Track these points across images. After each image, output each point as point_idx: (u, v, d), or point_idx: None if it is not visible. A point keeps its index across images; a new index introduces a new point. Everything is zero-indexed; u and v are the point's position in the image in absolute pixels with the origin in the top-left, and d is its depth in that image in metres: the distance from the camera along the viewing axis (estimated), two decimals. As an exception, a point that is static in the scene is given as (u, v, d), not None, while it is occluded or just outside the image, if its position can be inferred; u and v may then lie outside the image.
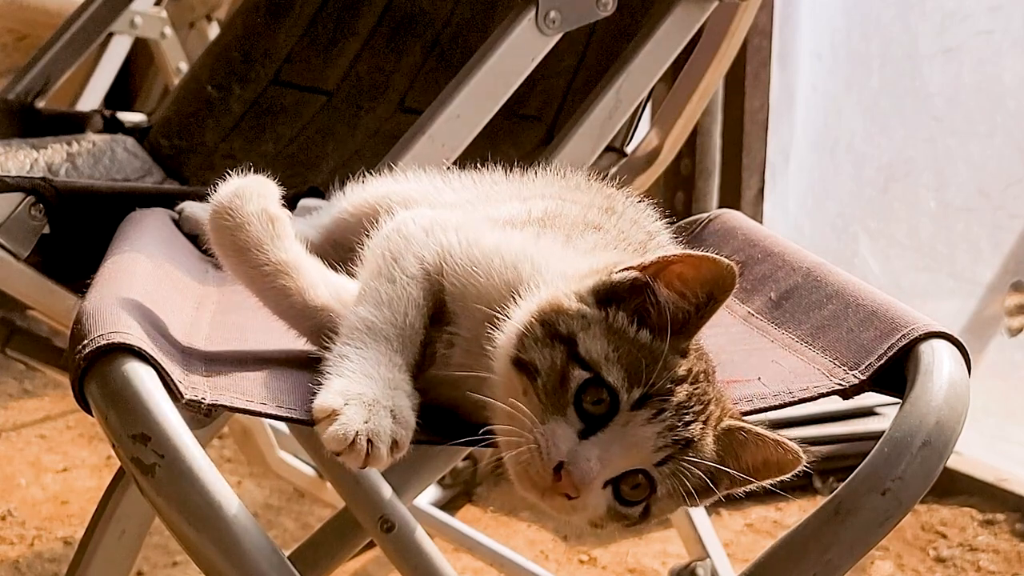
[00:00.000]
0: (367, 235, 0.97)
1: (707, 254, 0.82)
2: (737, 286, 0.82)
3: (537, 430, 0.81)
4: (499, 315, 0.85)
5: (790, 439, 0.83)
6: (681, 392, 0.82)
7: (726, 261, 0.82)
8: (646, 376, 0.81)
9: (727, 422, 0.84)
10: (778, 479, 0.85)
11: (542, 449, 0.80)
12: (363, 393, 0.80)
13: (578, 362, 0.81)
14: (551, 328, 0.83)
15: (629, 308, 0.84)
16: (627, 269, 0.84)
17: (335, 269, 0.99)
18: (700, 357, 0.85)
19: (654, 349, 0.82)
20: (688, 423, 0.82)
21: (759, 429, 0.84)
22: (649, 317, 0.83)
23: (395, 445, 0.79)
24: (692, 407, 0.82)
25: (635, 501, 0.83)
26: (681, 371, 0.83)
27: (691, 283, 0.82)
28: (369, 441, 0.78)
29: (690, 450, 0.82)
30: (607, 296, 0.84)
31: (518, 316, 0.85)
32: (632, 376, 0.81)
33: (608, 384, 0.81)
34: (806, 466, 0.84)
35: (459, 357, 0.88)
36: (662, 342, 0.82)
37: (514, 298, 0.86)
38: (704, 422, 0.83)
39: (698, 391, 0.83)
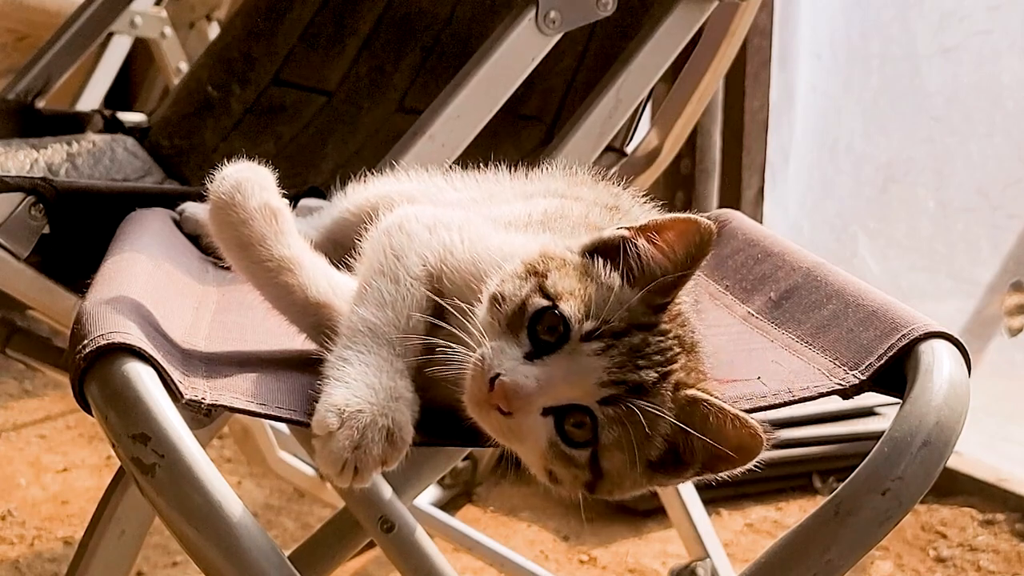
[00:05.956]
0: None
1: (689, 215, 0.84)
2: (736, 284, 0.83)
3: (485, 346, 0.83)
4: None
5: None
6: (637, 336, 0.83)
7: (705, 221, 0.83)
8: (603, 312, 0.83)
9: (692, 392, 0.83)
10: (741, 467, 0.82)
11: (484, 364, 0.82)
12: (361, 411, 0.80)
13: (542, 293, 0.84)
14: (531, 267, 0.86)
15: (615, 262, 0.86)
16: (619, 229, 0.87)
17: (336, 269, 0.99)
18: (681, 324, 0.86)
19: (621, 294, 0.84)
20: (640, 368, 0.82)
21: (721, 403, 0.82)
22: (631, 271, 0.85)
23: (384, 463, 0.81)
24: (649, 354, 0.82)
25: (579, 442, 0.82)
26: (645, 319, 0.84)
27: (671, 242, 0.84)
28: (356, 467, 0.80)
29: (640, 398, 0.81)
30: (595, 251, 0.87)
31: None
32: (589, 311, 0.83)
33: (562, 313, 0.82)
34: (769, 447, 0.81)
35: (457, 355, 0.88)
36: (631, 289, 0.84)
37: None
38: (661, 376, 0.82)
39: (662, 344, 0.83)
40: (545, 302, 0.83)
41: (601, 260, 0.86)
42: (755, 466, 0.82)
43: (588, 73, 1.78)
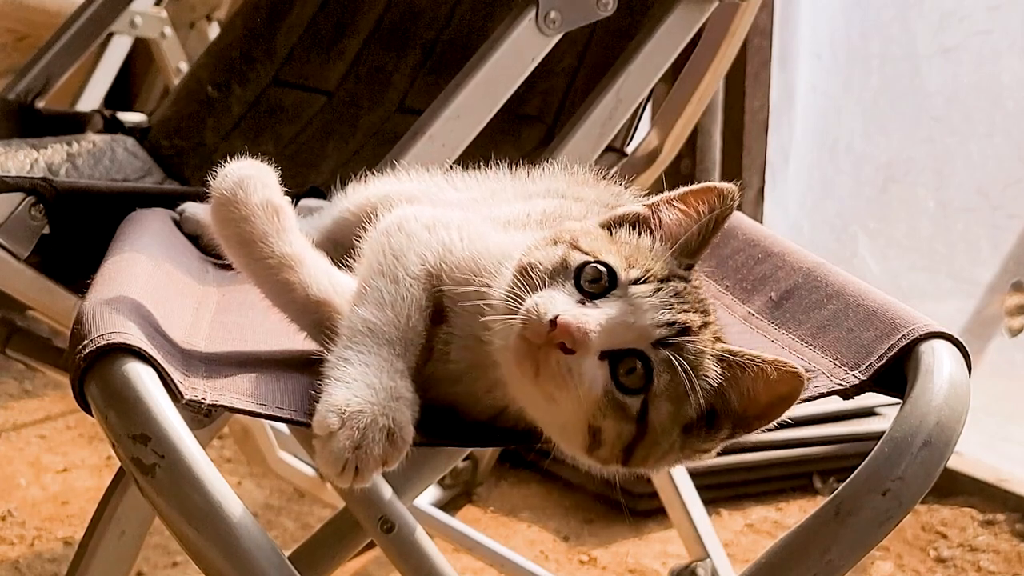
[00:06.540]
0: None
1: (707, 183, 0.87)
2: (736, 284, 0.82)
3: (536, 295, 0.83)
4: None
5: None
6: (680, 284, 0.85)
7: (726, 184, 0.86)
8: (644, 262, 0.85)
9: (727, 345, 0.85)
10: (783, 412, 0.83)
11: (539, 308, 0.82)
12: (362, 411, 0.80)
13: (580, 252, 0.86)
14: (558, 236, 0.88)
15: (635, 230, 0.89)
16: (634, 207, 0.89)
17: (336, 268, 0.99)
18: (703, 291, 0.88)
19: (655, 249, 0.87)
20: (685, 310, 0.84)
21: (758, 352, 0.83)
22: (653, 233, 0.88)
23: (385, 463, 0.81)
24: (691, 301, 0.85)
25: (632, 389, 0.82)
26: (680, 271, 0.86)
27: (693, 204, 0.87)
28: (357, 467, 0.80)
29: (687, 340, 0.82)
30: (612, 225, 0.90)
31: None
32: (631, 261, 0.85)
33: (607, 264, 0.84)
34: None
35: (456, 354, 0.88)
36: (663, 245, 0.87)
37: None
38: (703, 321, 0.84)
39: (699, 294, 0.86)
40: (586, 257, 0.85)
41: (625, 229, 0.89)
42: (755, 464, 0.82)
43: (588, 73, 1.78)
